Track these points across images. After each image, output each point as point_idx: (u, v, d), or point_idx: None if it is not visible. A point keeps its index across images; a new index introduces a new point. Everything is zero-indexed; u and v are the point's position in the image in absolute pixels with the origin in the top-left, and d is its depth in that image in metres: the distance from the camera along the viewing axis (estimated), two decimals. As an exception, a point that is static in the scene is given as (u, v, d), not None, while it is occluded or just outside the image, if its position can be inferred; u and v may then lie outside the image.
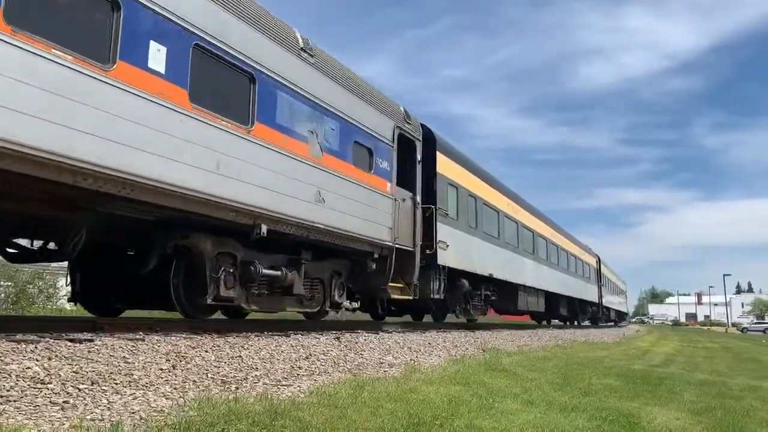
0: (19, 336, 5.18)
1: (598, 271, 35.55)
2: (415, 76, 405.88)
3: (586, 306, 32.52)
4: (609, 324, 43.41)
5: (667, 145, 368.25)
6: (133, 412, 3.61)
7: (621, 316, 54.33)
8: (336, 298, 9.92)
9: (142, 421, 3.48)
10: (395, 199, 10.62)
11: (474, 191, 14.95)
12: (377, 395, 4.99)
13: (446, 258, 12.56)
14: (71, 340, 5.15)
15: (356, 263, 10.30)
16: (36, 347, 4.63)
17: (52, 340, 5.02)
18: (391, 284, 10.67)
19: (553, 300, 23.72)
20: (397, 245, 10.54)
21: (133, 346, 5.27)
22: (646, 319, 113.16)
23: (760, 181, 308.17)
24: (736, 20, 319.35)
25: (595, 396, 6.47)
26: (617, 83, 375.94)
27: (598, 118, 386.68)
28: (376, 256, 10.20)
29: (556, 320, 30.71)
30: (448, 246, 12.58)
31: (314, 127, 8.39)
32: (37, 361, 4.24)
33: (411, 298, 11.26)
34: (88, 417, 3.40)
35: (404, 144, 11.28)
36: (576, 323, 31.66)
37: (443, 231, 12.44)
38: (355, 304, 12.50)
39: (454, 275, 13.35)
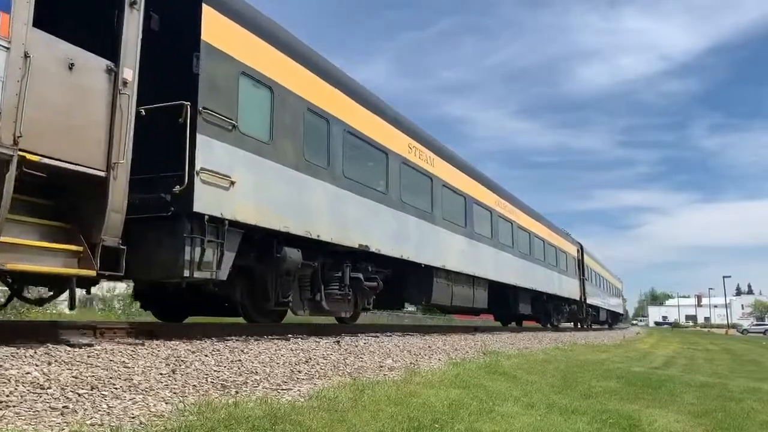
0: (18, 341, 5.17)
1: (580, 262, 29.86)
2: (413, 78, 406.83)
3: (562, 304, 26.40)
4: (598, 327, 36.88)
5: (665, 147, 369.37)
6: (132, 417, 3.60)
7: (616, 318, 49.21)
8: None
9: (142, 425, 3.48)
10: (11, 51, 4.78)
11: (329, 109, 9.37)
12: (377, 399, 4.98)
13: (227, 204, 7.13)
14: (71, 345, 5.16)
15: None
16: (35, 352, 4.63)
17: (51, 345, 5.03)
18: (33, 243, 5.12)
19: (507, 294, 19.08)
20: (33, 155, 4.93)
21: (132, 351, 5.27)
22: (640, 323, 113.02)
23: (759, 182, 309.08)
24: (733, 22, 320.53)
25: (596, 398, 6.47)
26: (615, 85, 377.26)
27: (595, 119, 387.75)
28: None
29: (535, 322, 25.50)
30: (234, 183, 7.22)
31: None
32: (37, 366, 4.23)
33: (90, 273, 5.47)
34: (88, 422, 3.40)
35: None
36: (550, 325, 25.33)
37: (224, 154, 7.14)
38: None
39: (269, 241, 8.29)
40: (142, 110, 6.10)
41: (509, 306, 19.73)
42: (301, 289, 9.13)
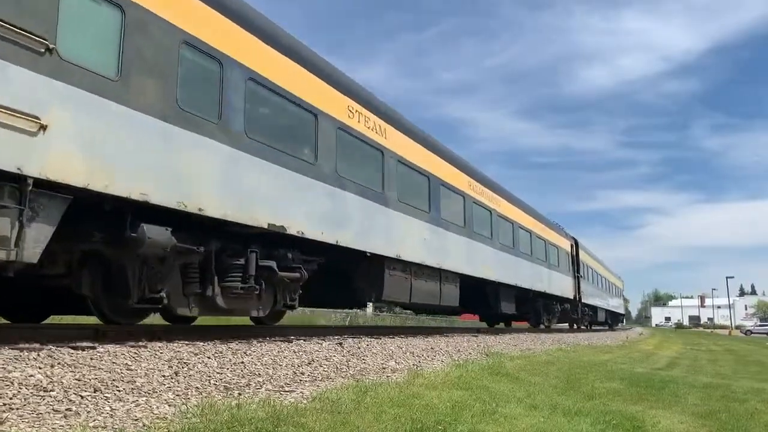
0: (21, 344, 5.18)
1: (574, 258, 27.59)
2: (414, 79, 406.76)
3: (553, 303, 24.29)
4: (598, 329, 35.30)
5: (666, 147, 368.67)
6: (135, 419, 3.60)
7: (616, 319, 46.96)
8: None
9: (145, 428, 3.48)
10: None
11: (223, 48, 7.32)
12: (380, 401, 4.98)
13: (34, 156, 5.14)
14: (74, 348, 5.17)
15: None
16: (38, 355, 4.64)
17: (54, 348, 5.03)
18: None
19: (486, 292, 17.12)
20: None
21: (135, 353, 5.27)
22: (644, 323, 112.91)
23: (761, 182, 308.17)
24: (734, 22, 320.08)
25: (599, 400, 6.45)
26: (616, 85, 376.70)
27: (597, 120, 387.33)
28: None
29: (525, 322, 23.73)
30: (47, 128, 5.26)
31: None
32: (40, 368, 4.24)
33: None
34: (91, 424, 3.40)
35: None
36: (541, 325, 23.46)
37: (29, 85, 5.16)
38: None
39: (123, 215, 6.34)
40: None
41: (489, 304, 17.54)
42: (187, 281, 7.22)
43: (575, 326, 30.07)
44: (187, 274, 7.24)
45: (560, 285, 24.29)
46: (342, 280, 10.85)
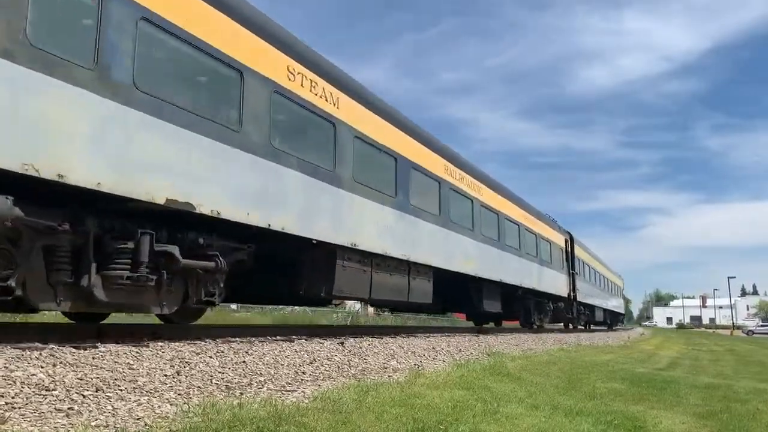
0: (23, 343, 5.19)
1: (569, 254, 25.92)
2: (414, 79, 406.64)
3: (545, 301, 22.73)
4: (597, 329, 34.29)
5: (667, 147, 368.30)
6: (137, 419, 3.61)
7: (616, 319, 45.10)
8: None
9: (147, 427, 3.49)
10: None
11: None
12: (382, 400, 4.98)
13: None
14: (75, 347, 5.17)
15: None
16: (40, 354, 4.65)
17: (56, 347, 5.04)
18: None
19: (466, 288, 15.53)
20: None
21: (137, 353, 5.28)
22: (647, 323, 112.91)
23: (762, 182, 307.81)
24: (734, 22, 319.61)
25: (600, 400, 6.45)
26: (617, 85, 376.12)
27: (597, 120, 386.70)
28: None
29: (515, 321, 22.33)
30: None
31: None
32: (42, 367, 4.25)
33: None
34: (93, 423, 3.41)
35: None
36: (532, 325, 21.86)
37: None
38: None
39: None
40: None
41: (471, 302, 15.80)
42: (52, 267, 5.73)
43: (570, 326, 28.90)
44: (52, 259, 5.72)
45: (553, 282, 22.55)
46: (288, 272, 9.43)
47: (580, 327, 29.90)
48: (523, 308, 20.83)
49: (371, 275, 10.28)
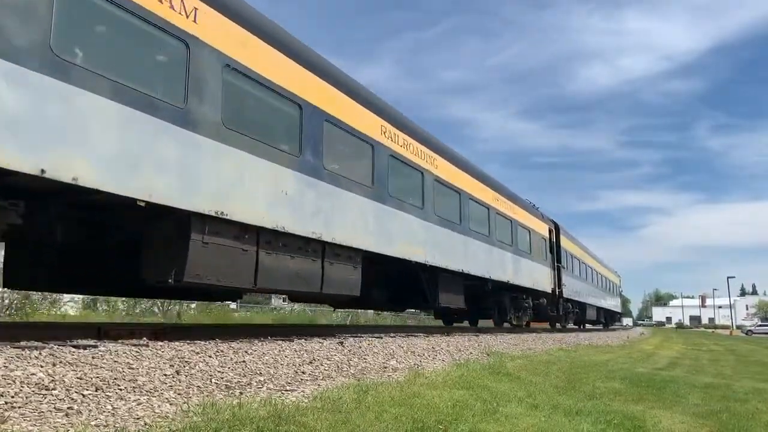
0: (23, 342, 5.20)
1: (554, 245, 23.36)
2: (415, 79, 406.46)
3: (522, 297, 20.11)
4: (592, 328, 32.58)
5: (668, 147, 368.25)
6: (137, 418, 3.61)
7: (612, 318, 42.90)
8: None
9: (147, 427, 3.49)
10: None
11: None
12: (381, 400, 4.98)
13: None
14: (75, 346, 5.18)
15: None
16: (40, 353, 4.65)
17: (56, 346, 5.04)
18: None
19: (417, 278, 12.77)
20: None
21: (137, 352, 5.28)
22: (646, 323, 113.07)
23: (763, 182, 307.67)
24: (736, 21, 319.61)
25: (600, 399, 6.45)
26: (617, 85, 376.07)
27: (598, 120, 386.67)
28: None
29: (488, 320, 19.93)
30: None
31: None
32: (42, 367, 4.25)
33: None
34: (93, 423, 3.41)
35: None
36: (511, 324, 20.00)
37: None
38: None
39: None
40: None
41: (424, 296, 13.13)
42: None
43: (558, 326, 26.66)
44: None
45: (533, 275, 20.03)
46: (127, 250, 7.39)
47: (570, 326, 27.93)
48: (497, 305, 18.37)
49: (257, 257, 7.72)
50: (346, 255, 9.69)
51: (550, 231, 23.12)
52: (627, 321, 78.18)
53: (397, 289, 13.22)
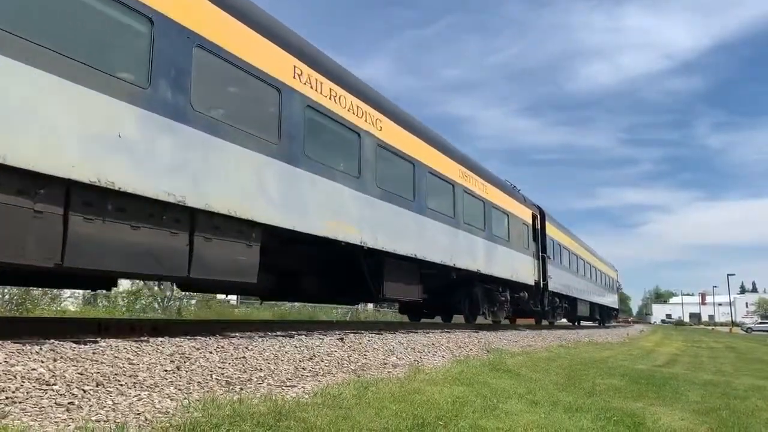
0: (24, 337, 5.20)
1: (539, 233, 21.03)
2: (415, 76, 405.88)
3: (497, 289, 17.33)
4: (589, 325, 30.98)
5: (668, 145, 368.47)
6: (138, 414, 3.62)
7: (608, 314, 40.23)
8: None
9: (147, 422, 3.49)
10: None
11: None
12: (381, 396, 4.99)
13: None
14: (76, 342, 5.18)
15: None
16: (41, 349, 4.65)
17: (57, 342, 5.05)
18: None
19: (356, 263, 10.48)
20: None
21: (137, 348, 5.29)
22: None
23: (763, 180, 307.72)
24: (736, 20, 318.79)
25: (600, 396, 6.46)
26: (618, 83, 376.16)
27: (599, 117, 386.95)
28: None
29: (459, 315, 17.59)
30: None
31: None
32: (42, 362, 4.25)
33: None
34: (93, 418, 3.41)
35: None
36: (485, 318, 17.46)
37: None
38: None
39: None
40: None
41: (366, 286, 10.80)
42: None
43: (545, 322, 24.58)
44: None
45: (511, 265, 17.56)
46: None
47: (562, 323, 25.10)
48: (467, 298, 16.03)
49: (66, 223, 5.47)
50: (235, 229, 7.44)
51: (533, 217, 20.69)
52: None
53: (336, 278, 11.02)
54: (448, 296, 15.47)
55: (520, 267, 18.48)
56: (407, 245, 11.39)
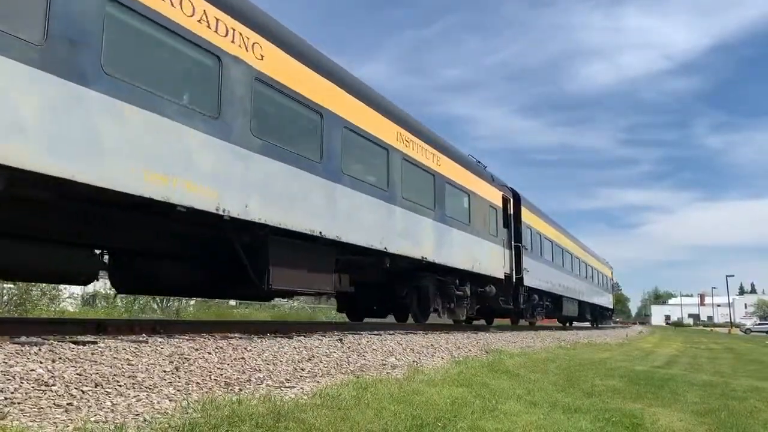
0: (23, 338, 5.20)
1: (513, 219, 18.29)
2: (415, 76, 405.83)
3: (452, 282, 14.39)
4: (582, 326, 28.93)
5: (668, 146, 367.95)
6: (137, 414, 3.61)
7: (602, 315, 37.42)
8: None
9: (146, 423, 3.49)
10: None
11: None
12: (380, 397, 4.99)
13: None
14: (75, 343, 5.17)
15: None
16: (40, 349, 4.65)
17: (55, 343, 5.04)
18: None
19: (254, 252, 8.10)
20: None
21: (136, 348, 5.28)
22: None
23: (763, 181, 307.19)
24: (736, 20, 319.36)
25: (599, 397, 6.47)
26: (617, 83, 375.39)
27: (598, 118, 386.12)
28: None
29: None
30: None
31: None
32: (41, 363, 4.25)
33: None
34: (92, 419, 3.41)
35: None
36: (440, 316, 14.55)
37: None
38: None
39: None
40: None
41: (246, 273, 8.16)
42: None
43: (525, 320, 22.04)
44: None
45: (473, 254, 14.82)
46: None
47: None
48: (415, 292, 13.47)
49: None
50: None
51: (504, 200, 17.73)
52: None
53: (211, 266, 8.85)
54: (389, 290, 13.04)
55: (484, 257, 15.58)
56: (308, 220, 8.67)
